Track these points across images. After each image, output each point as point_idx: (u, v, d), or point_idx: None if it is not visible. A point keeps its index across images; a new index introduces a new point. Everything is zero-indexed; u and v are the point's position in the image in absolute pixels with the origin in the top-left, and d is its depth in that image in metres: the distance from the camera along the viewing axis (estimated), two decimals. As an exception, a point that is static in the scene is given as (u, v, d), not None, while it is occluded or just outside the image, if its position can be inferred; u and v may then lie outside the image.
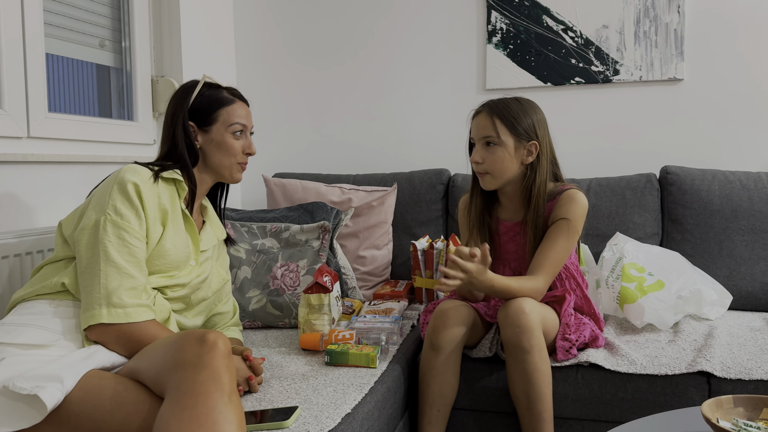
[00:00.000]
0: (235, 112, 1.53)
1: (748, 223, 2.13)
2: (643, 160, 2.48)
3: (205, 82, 1.54)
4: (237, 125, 1.52)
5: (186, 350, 1.12)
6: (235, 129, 1.52)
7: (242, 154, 1.55)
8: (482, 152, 1.72)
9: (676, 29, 2.39)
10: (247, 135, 1.57)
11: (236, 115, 1.53)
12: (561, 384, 1.67)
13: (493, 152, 1.70)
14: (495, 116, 1.70)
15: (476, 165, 1.73)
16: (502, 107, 1.72)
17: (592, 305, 1.80)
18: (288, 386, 1.46)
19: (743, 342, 1.74)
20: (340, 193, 2.41)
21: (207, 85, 1.54)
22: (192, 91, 1.52)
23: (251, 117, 1.59)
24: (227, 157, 1.53)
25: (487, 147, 1.71)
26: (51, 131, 1.95)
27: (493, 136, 1.69)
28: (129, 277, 1.31)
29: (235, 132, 1.53)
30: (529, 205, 1.73)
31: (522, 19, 2.54)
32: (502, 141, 1.69)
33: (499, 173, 1.72)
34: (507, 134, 1.70)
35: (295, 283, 2.00)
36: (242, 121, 1.54)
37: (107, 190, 1.35)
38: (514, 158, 1.71)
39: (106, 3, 2.27)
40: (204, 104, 1.51)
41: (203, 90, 1.53)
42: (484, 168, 1.72)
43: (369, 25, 2.72)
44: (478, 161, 1.72)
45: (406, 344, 1.83)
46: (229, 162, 1.53)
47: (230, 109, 1.53)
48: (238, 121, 1.53)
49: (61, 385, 1.12)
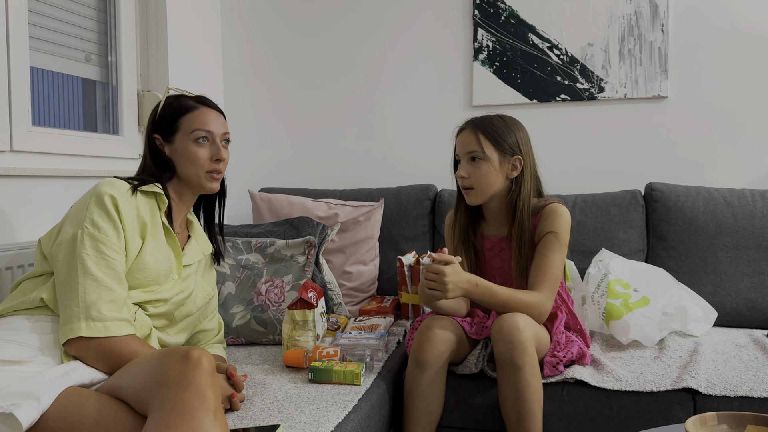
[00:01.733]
0: (196, 119, 1.47)
1: (732, 240, 2.15)
2: (628, 176, 2.50)
3: (170, 93, 1.51)
4: (199, 131, 1.46)
5: (170, 367, 1.11)
6: (197, 136, 1.46)
7: (210, 161, 1.48)
8: (467, 167, 1.73)
9: (660, 47, 2.42)
10: (216, 141, 1.49)
11: (198, 122, 1.47)
12: (547, 401, 1.66)
13: (478, 167, 1.71)
14: (479, 132, 1.72)
15: (462, 180, 1.74)
16: (486, 123, 1.73)
17: (578, 321, 1.80)
18: (270, 404, 1.44)
19: (728, 358, 1.74)
20: (326, 208, 2.40)
21: (174, 97, 1.51)
22: (160, 104, 1.50)
23: (222, 123, 1.51)
24: (193, 165, 1.46)
25: (472, 162, 1.72)
26: (34, 145, 1.93)
27: (478, 150, 1.71)
28: (108, 290, 1.29)
29: (198, 139, 1.46)
30: (514, 220, 1.74)
31: (508, 37, 2.56)
32: (487, 156, 1.71)
33: (485, 188, 1.73)
34: (491, 149, 1.71)
35: (279, 298, 1.99)
36: (205, 127, 1.47)
37: (84, 203, 1.33)
38: (498, 173, 1.72)
39: (92, 17, 2.27)
40: (167, 114, 1.48)
41: (170, 101, 1.50)
42: (469, 183, 1.73)
43: (356, 40, 2.74)
44: (464, 176, 1.73)
45: (391, 361, 1.81)
46: (196, 171, 1.47)
47: (191, 116, 1.47)
48: (200, 127, 1.46)
49: (37, 402, 1.10)
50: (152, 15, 2.45)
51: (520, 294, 1.64)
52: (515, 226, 1.74)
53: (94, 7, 2.27)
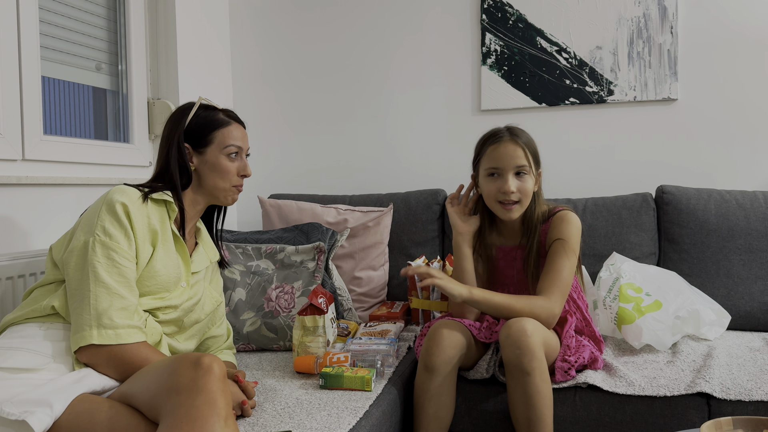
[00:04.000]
0: (230, 134, 1.52)
1: (745, 243, 2.13)
2: (639, 179, 2.48)
3: (201, 103, 1.54)
4: (232, 147, 1.52)
5: (181, 374, 1.11)
6: (230, 151, 1.52)
7: (237, 176, 1.54)
8: (515, 182, 1.69)
9: (669, 50, 2.41)
10: (243, 157, 1.56)
11: (231, 137, 1.52)
12: (559, 406, 1.65)
13: (525, 182, 1.70)
14: (523, 144, 1.70)
15: (509, 195, 1.68)
16: (524, 136, 1.73)
17: (592, 327, 1.79)
18: (281, 410, 1.43)
19: (743, 362, 1.73)
20: (335, 213, 2.41)
21: (203, 107, 1.54)
22: (188, 113, 1.51)
23: (247, 139, 1.58)
24: (222, 179, 1.52)
25: (519, 176, 1.70)
26: (46, 154, 1.95)
27: (526, 165, 1.69)
28: (119, 298, 1.29)
29: (230, 154, 1.52)
30: (529, 231, 1.76)
31: (516, 41, 2.55)
32: (532, 170, 1.71)
33: (526, 202, 1.73)
34: (533, 163, 1.72)
35: (290, 304, 1.99)
36: (237, 143, 1.53)
37: (96, 211, 1.34)
38: (534, 187, 1.74)
39: (102, 26, 2.29)
40: (199, 126, 1.51)
41: (199, 112, 1.52)
42: (517, 197, 1.70)
43: (364, 47, 2.74)
44: (513, 191, 1.68)
45: (402, 366, 1.81)
46: (224, 184, 1.52)
47: (225, 131, 1.52)
48: (233, 143, 1.52)
49: (50, 410, 1.10)
50: (162, 24, 2.47)
51: (521, 298, 1.63)
52: (532, 235, 1.74)
53: (104, 17, 2.29)
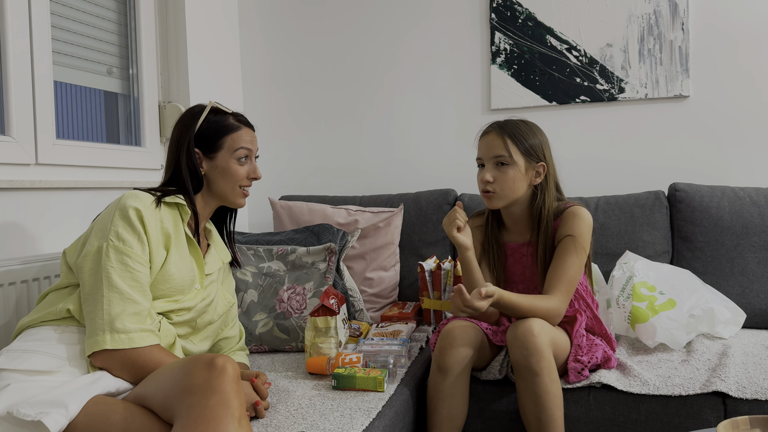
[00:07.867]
0: (240, 138, 1.53)
1: (760, 240, 2.10)
2: (651, 177, 2.47)
3: (211, 107, 1.55)
4: (242, 150, 1.52)
5: (195, 375, 1.12)
6: (240, 155, 1.52)
7: (246, 179, 1.55)
8: (493, 171, 1.70)
9: (680, 46, 2.39)
10: (252, 160, 1.57)
11: (241, 141, 1.53)
12: (573, 406, 1.64)
13: (504, 172, 1.69)
14: (506, 136, 1.69)
15: (485, 184, 1.71)
16: (512, 127, 1.71)
17: (603, 326, 1.77)
18: (294, 411, 1.44)
19: (759, 361, 1.71)
20: (346, 214, 2.41)
21: (213, 111, 1.54)
22: (198, 117, 1.52)
23: (256, 141, 1.59)
24: (230, 183, 1.53)
25: (498, 167, 1.70)
26: (59, 158, 1.96)
27: (505, 155, 1.68)
28: (132, 303, 1.30)
29: (240, 158, 1.53)
30: (538, 227, 1.73)
31: (526, 40, 2.55)
32: (514, 161, 1.68)
33: (508, 193, 1.70)
34: (518, 154, 1.69)
35: (301, 306, 1.99)
36: (247, 146, 1.54)
37: (109, 216, 1.35)
38: (524, 179, 1.70)
39: (113, 30, 2.30)
40: (210, 131, 1.51)
41: (209, 116, 1.53)
42: (493, 187, 1.70)
43: (374, 47, 2.74)
44: (489, 180, 1.69)
45: (414, 367, 1.81)
46: (232, 188, 1.53)
47: (236, 135, 1.53)
48: (243, 146, 1.53)
49: (65, 410, 1.11)
50: (172, 27, 2.48)
51: (537, 301, 1.62)
52: (541, 232, 1.72)
53: (114, 21, 2.31)
